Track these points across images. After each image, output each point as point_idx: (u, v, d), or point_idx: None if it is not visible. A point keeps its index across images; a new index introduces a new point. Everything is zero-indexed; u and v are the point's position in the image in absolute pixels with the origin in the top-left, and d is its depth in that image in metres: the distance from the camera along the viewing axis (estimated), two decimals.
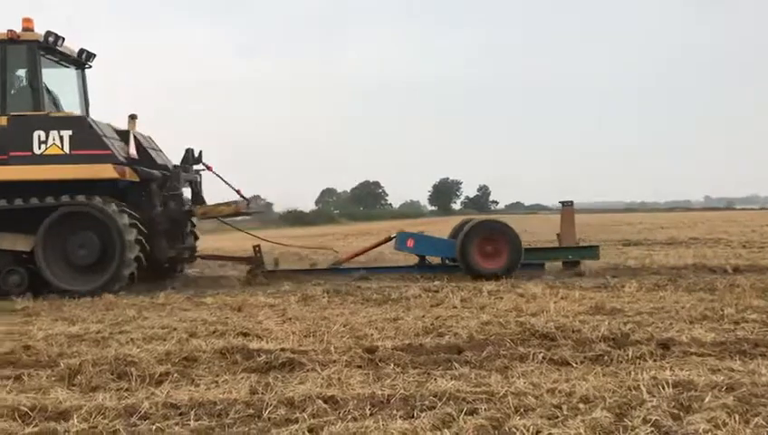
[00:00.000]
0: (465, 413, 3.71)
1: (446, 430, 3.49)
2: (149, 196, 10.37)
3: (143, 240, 9.82)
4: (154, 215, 10.24)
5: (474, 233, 10.28)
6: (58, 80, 11.07)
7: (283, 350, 5.16)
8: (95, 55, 11.39)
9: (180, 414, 3.87)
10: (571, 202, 11.41)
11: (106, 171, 9.69)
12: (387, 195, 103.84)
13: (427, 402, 3.91)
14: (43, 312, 7.97)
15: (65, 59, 10.93)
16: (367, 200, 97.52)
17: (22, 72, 10.25)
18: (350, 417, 3.73)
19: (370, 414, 3.78)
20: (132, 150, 10.24)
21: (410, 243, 10.68)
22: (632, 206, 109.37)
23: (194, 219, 11.63)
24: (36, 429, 3.67)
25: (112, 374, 4.66)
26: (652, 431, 3.41)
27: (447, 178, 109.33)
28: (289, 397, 4.06)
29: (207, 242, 14.67)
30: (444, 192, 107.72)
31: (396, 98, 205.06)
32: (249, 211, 12.17)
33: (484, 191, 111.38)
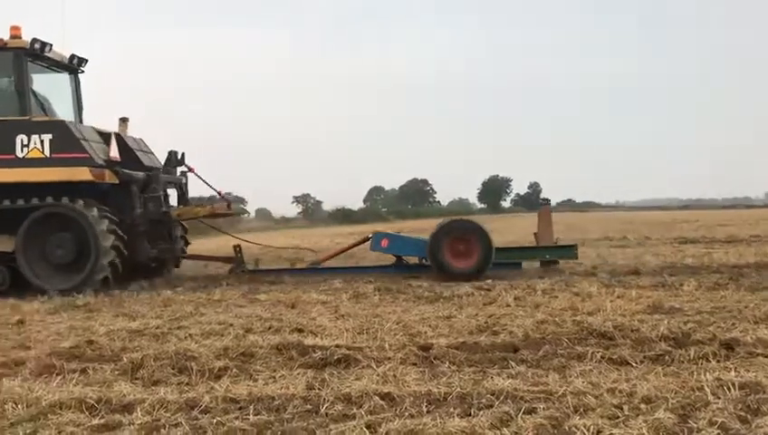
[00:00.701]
0: (524, 412, 3.67)
1: (504, 428, 3.46)
2: (130, 197, 10.58)
3: (120, 246, 10.07)
4: (134, 216, 10.49)
5: (444, 232, 10.27)
6: (50, 84, 11.45)
7: (337, 346, 5.18)
8: (87, 60, 11.70)
9: (240, 408, 3.93)
10: (548, 201, 11.62)
11: (82, 174, 9.98)
12: (435, 192, 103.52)
13: (484, 401, 3.89)
14: (104, 308, 8.19)
15: (56, 64, 11.27)
16: (415, 198, 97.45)
17: (10, 79, 10.57)
18: (407, 414, 3.73)
19: (427, 412, 3.78)
20: (114, 153, 10.43)
21: (385, 243, 10.82)
22: (688, 203, 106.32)
23: (185, 223, 11.95)
24: (102, 420, 3.79)
25: (173, 369, 4.77)
26: (719, 434, 3.31)
27: (497, 176, 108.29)
28: (345, 393, 4.09)
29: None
30: (493, 190, 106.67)
31: (446, 95, 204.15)
32: (229, 213, 12.37)
33: (534, 188, 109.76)
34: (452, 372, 4.60)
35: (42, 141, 10.04)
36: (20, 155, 10.03)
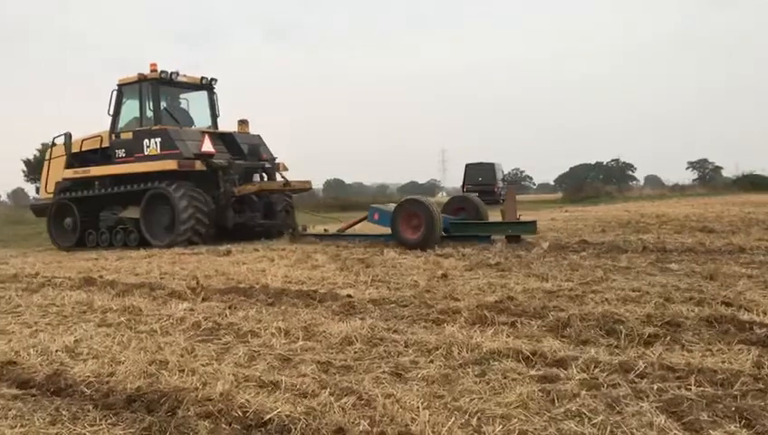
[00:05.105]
0: None
1: None
2: (216, 180, 14.66)
3: (199, 215, 14.21)
4: (218, 193, 14.61)
5: (401, 208, 11.90)
6: (194, 100, 16.55)
7: None
8: (216, 80, 16.24)
9: (678, 378, 3.74)
10: (513, 184, 12.20)
11: (171, 165, 14.30)
12: None
13: None
14: (513, 268, 8.61)
15: (189, 86, 16.08)
16: None
17: (149, 101, 15.36)
18: None
19: None
20: (205, 147, 14.50)
21: (376, 216, 12.66)
22: None
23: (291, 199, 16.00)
24: (541, 372, 3.97)
25: (600, 330, 4.77)
26: None
27: None
28: None
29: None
30: None
31: None
32: (285, 189, 15.43)
33: None
34: None
35: (156, 143, 14.79)
36: (145, 153, 14.97)
